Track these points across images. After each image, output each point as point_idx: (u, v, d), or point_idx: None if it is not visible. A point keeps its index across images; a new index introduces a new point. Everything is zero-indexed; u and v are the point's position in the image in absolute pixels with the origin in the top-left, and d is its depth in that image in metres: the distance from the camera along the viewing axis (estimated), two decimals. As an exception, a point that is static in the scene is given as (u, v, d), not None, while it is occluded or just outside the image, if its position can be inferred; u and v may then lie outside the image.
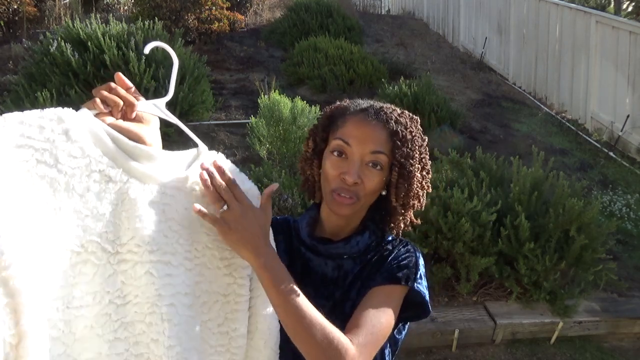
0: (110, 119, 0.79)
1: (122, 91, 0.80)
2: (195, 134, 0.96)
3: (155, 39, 4.86)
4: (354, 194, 0.95)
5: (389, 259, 1.00)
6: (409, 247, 1.05)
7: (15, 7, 6.80)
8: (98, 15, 5.47)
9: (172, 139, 3.34)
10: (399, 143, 0.96)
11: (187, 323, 0.78)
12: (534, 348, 2.95)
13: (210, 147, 0.92)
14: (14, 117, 0.68)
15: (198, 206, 0.81)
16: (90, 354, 0.72)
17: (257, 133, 3.98)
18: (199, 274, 0.82)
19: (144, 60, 4.35)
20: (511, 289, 3.02)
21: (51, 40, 4.62)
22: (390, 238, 1.07)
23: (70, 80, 4.30)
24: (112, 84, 0.81)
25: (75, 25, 4.73)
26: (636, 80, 5.63)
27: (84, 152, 0.72)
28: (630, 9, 11.96)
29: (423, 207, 1.05)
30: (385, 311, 0.91)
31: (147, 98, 0.85)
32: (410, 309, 0.99)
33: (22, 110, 0.72)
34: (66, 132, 0.70)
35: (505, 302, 3.10)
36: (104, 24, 4.85)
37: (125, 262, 0.74)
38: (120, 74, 0.83)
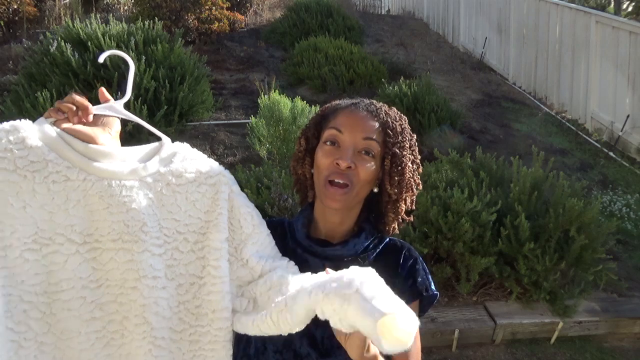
0: (67, 125, 0.85)
1: (77, 98, 0.86)
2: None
3: (155, 39, 4.87)
4: (348, 179, 0.96)
5: (403, 274, 1.03)
6: (411, 251, 1.07)
7: (15, 7, 6.81)
8: (98, 15, 5.47)
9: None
10: (390, 132, 0.99)
11: (157, 304, 0.85)
12: (534, 348, 2.95)
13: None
14: None
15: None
16: (70, 333, 0.81)
17: (257, 133, 3.98)
18: (171, 258, 0.87)
19: (144, 60, 4.35)
20: (511, 289, 3.02)
21: (51, 40, 4.62)
22: (387, 240, 1.08)
23: (70, 80, 4.30)
24: (73, 94, 0.87)
25: (75, 25, 4.73)
26: (636, 80, 5.63)
27: (40, 156, 0.80)
28: (630, 9, 11.96)
29: (414, 205, 1.07)
30: (418, 336, 1.00)
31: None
32: (422, 306, 1.07)
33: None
34: (22, 140, 0.79)
35: (505, 302, 3.10)
36: (104, 24, 4.86)
37: (94, 250, 0.82)
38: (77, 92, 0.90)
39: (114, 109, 0.90)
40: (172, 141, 0.95)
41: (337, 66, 6.10)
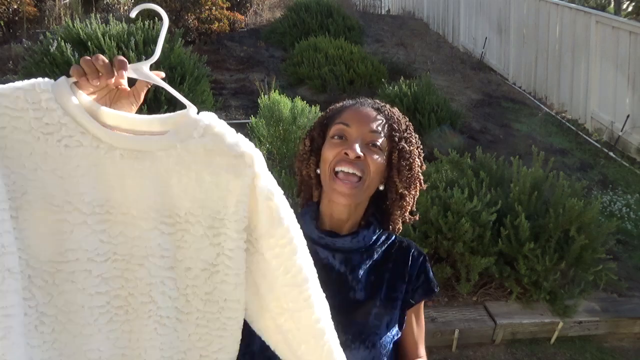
0: (88, 89, 0.81)
1: (101, 58, 0.80)
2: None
3: (155, 39, 4.86)
4: (359, 169, 0.97)
5: (414, 272, 1.07)
6: (418, 249, 1.11)
7: (15, 7, 6.81)
8: (98, 15, 5.47)
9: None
10: (395, 126, 1.01)
11: (164, 284, 0.81)
12: (534, 348, 2.95)
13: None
14: None
15: None
16: (73, 306, 0.78)
17: (257, 133, 3.98)
18: (180, 239, 0.82)
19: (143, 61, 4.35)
20: (511, 289, 3.02)
21: (51, 40, 4.62)
22: (395, 238, 1.10)
23: (70, 80, 4.30)
24: (99, 56, 0.81)
25: (75, 25, 4.73)
26: (636, 80, 5.63)
27: (54, 119, 0.76)
28: (630, 9, 11.97)
29: (415, 201, 1.08)
30: (423, 320, 1.12)
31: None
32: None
33: None
34: (39, 101, 0.76)
35: (505, 302, 3.10)
36: (104, 24, 4.86)
37: (104, 222, 0.78)
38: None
39: (140, 71, 0.84)
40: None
41: (337, 66, 6.10)
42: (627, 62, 5.70)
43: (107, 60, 0.79)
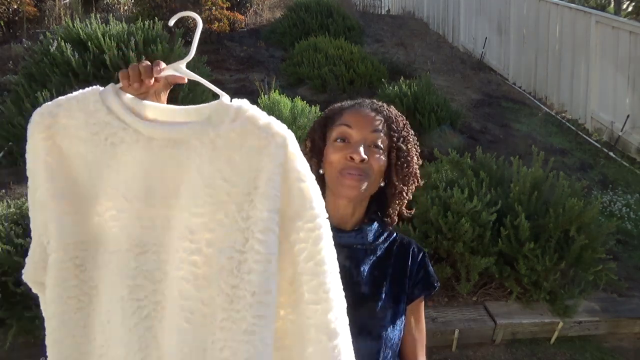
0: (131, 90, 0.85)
1: (145, 63, 0.85)
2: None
3: (155, 39, 4.86)
4: (362, 171, 1.01)
5: (415, 268, 1.12)
6: (418, 245, 1.16)
7: (15, 7, 6.81)
8: (98, 15, 5.47)
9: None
10: (394, 126, 1.05)
11: (187, 280, 0.78)
12: (534, 348, 2.95)
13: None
14: (51, 102, 0.84)
15: None
16: (113, 295, 0.81)
17: (257, 133, 3.98)
18: (210, 224, 0.78)
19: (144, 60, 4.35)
20: (511, 289, 3.02)
21: (51, 40, 4.62)
22: (396, 236, 1.14)
23: (70, 80, 4.30)
24: (145, 61, 0.86)
25: (75, 25, 4.73)
26: (636, 80, 5.63)
27: (100, 119, 0.81)
28: (630, 9, 11.97)
29: (410, 197, 1.13)
30: (424, 324, 1.15)
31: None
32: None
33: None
34: (88, 105, 0.82)
35: (505, 302, 3.10)
36: (104, 24, 4.85)
37: (141, 216, 0.80)
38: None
39: (180, 70, 0.89)
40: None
41: (337, 66, 6.10)
42: (627, 62, 5.71)
43: (149, 64, 0.84)
